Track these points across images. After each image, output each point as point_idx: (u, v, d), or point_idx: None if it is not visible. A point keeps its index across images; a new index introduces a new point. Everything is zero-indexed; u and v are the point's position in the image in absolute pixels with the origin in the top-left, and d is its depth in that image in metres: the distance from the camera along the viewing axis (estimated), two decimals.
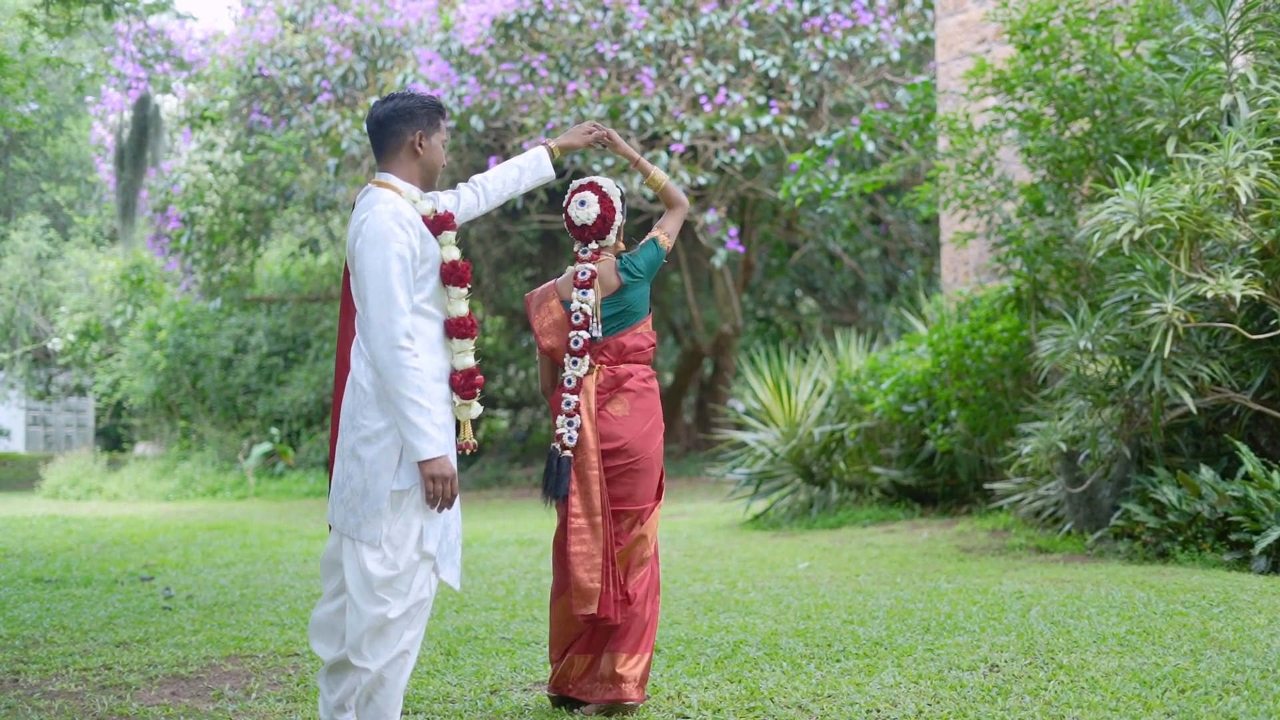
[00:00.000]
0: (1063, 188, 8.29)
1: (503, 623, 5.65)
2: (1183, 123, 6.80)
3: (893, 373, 9.92)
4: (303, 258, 19.83)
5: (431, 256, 3.47)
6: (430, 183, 3.62)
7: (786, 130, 13.28)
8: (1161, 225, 6.27)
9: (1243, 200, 6.20)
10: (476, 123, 13.50)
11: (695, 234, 15.00)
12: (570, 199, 4.11)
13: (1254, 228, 6.40)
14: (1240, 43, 6.76)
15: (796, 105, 13.62)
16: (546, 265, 19.00)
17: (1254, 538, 6.24)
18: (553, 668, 4.04)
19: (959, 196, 8.73)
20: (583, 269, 4.03)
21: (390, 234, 3.35)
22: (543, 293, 4.12)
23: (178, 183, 16.44)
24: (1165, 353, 6.31)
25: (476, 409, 3.53)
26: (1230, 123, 6.58)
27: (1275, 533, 6.12)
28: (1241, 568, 6.25)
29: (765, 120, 13.20)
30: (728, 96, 13.32)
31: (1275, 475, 6.37)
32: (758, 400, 10.95)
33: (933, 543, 8.22)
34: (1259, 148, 6.25)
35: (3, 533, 11.35)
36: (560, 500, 3.94)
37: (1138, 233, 6.27)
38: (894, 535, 8.80)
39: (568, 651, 4.00)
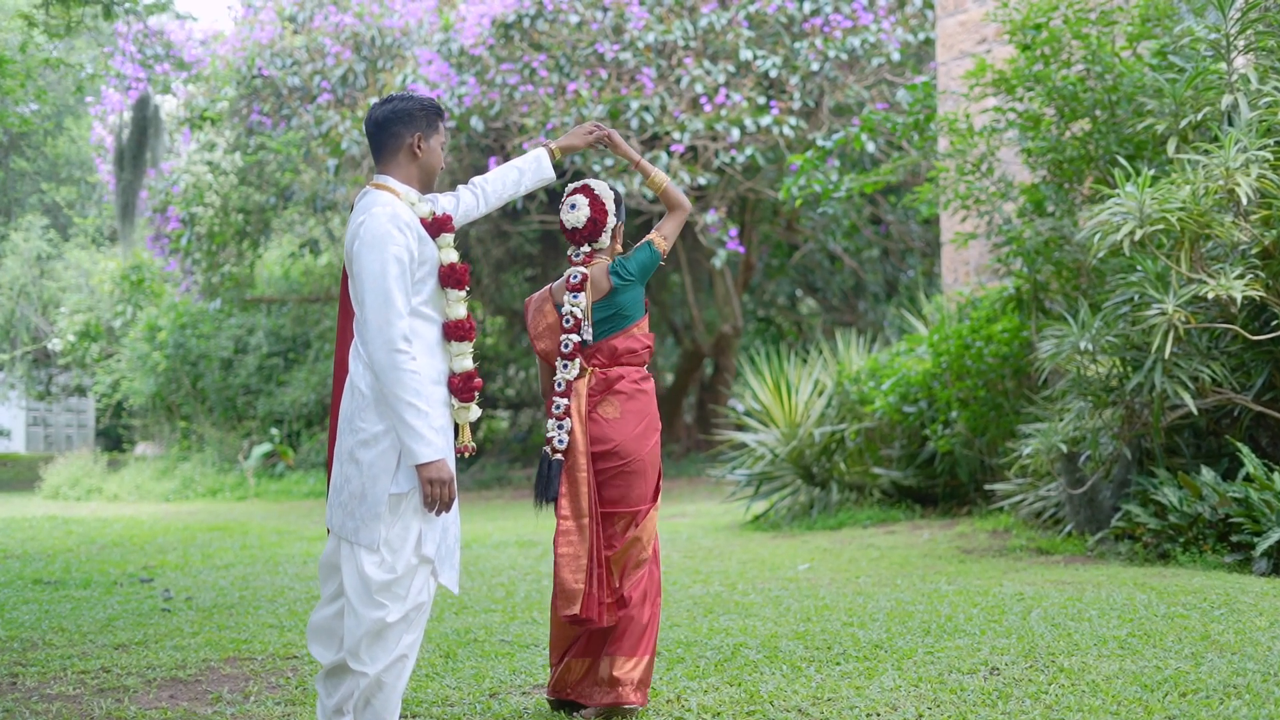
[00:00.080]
0: (1063, 188, 8.28)
1: (502, 625, 5.64)
2: (1183, 123, 6.79)
3: (893, 373, 9.91)
4: (303, 258, 19.83)
5: (430, 259, 3.46)
6: (429, 185, 3.61)
7: (787, 130, 13.26)
8: (1162, 226, 6.26)
9: (1243, 201, 6.19)
10: (476, 123, 13.49)
11: (695, 234, 14.99)
12: (564, 202, 4.11)
13: (1255, 228, 6.39)
14: (1241, 43, 6.74)
15: (797, 105, 13.60)
16: (546, 265, 18.99)
17: (1255, 539, 6.23)
18: (552, 671, 4.03)
19: (959, 197, 8.72)
20: (574, 272, 4.03)
21: (388, 236, 3.34)
22: (540, 296, 4.14)
23: (177, 183, 16.44)
24: (1166, 354, 6.30)
25: (475, 412, 3.53)
26: (1231, 123, 6.57)
27: (1276, 534, 6.11)
28: (1243, 569, 6.24)
29: (765, 120, 13.19)
30: (728, 97, 13.31)
31: (1276, 476, 6.36)
32: (758, 401, 10.93)
33: (933, 544, 8.21)
34: (1260, 148, 6.24)
35: (2, 534, 11.34)
36: (550, 503, 3.95)
37: (1138, 233, 6.27)
38: (894, 536, 8.79)
39: (566, 655, 3.99)
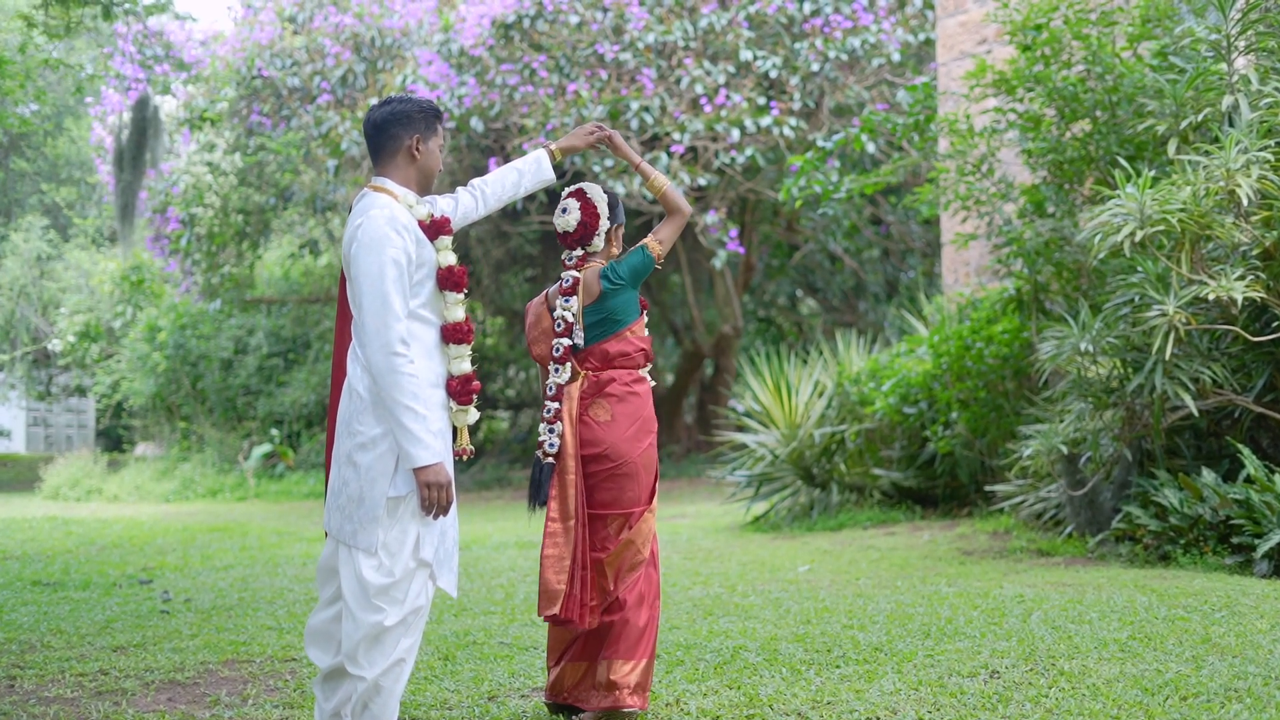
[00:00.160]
0: (1064, 189, 8.26)
1: (501, 627, 5.63)
2: (1184, 124, 6.78)
3: (893, 374, 9.90)
4: (302, 259, 19.83)
5: (428, 261, 3.45)
6: (427, 187, 3.60)
7: (787, 131, 13.25)
8: (1163, 227, 6.25)
9: (1244, 202, 6.18)
10: (476, 124, 13.48)
11: (696, 235, 14.98)
12: (559, 205, 4.12)
13: (1255, 229, 6.37)
14: (1241, 44, 6.73)
15: (797, 106, 13.59)
16: (546, 266, 18.98)
17: (1256, 541, 6.21)
18: (549, 674, 4.02)
19: (960, 198, 8.71)
20: (566, 276, 4.03)
21: (386, 239, 3.33)
22: (537, 301, 4.15)
23: (177, 184, 16.43)
24: (1166, 355, 6.29)
25: (473, 415, 3.52)
26: (1231, 124, 6.56)
27: (1277, 536, 6.09)
28: (1243, 571, 6.23)
29: (765, 121, 13.18)
30: (728, 97, 13.29)
31: (1277, 478, 6.35)
32: (758, 402, 10.92)
33: (933, 545, 8.20)
34: (1260, 149, 6.23)
35: (2, 534, 11.33)
36: (543, 507, 3.95)
37: (1139, 234, 6.25)
38: (895, 537, 8.77)
39: (563, 658, 3.98)
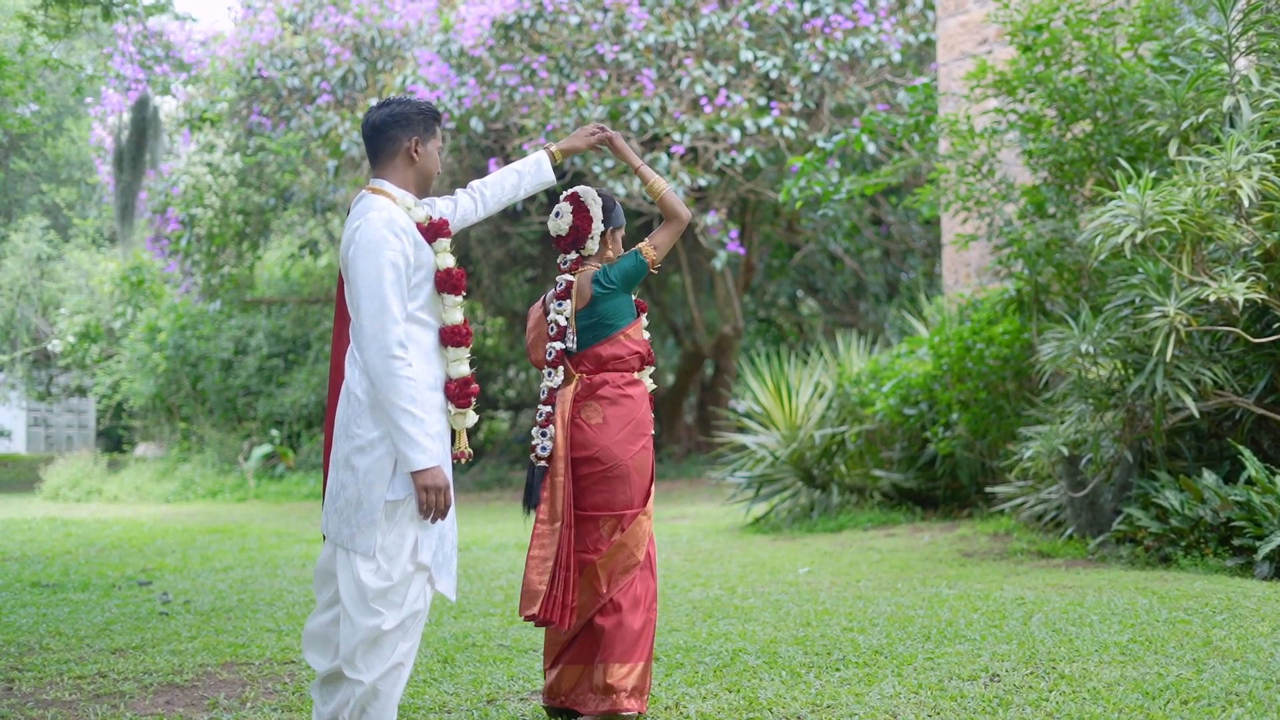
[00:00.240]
0: (1064, 190, 8.25)
1: (500, 629, 5.62)
2: (1185, 125, 6.77)
3: (894, 375, 9.89)
4: (302, 259, 19.82)
5: (426, 264, 3.44)
6: (425, 189, 3.59)
7: (787, 132, 13.24)
8: (1163, 228, 6.23)
9: (1245, 203, 6.16)
10: (476, 124, 13.47)
11: (696, 236, 14.96)
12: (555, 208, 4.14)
13: (1257, 230, 6.36)
14: (1243, 44, 6.72)
15: (797, 106, 13.58)
16: (547, 267, 18.97)
17: (1257, 543, 6.20)
18: (546, 677, 4.02)
19: (960, 199, 8.69)
20: (560, 280, 4.04)
21: (384, 241, 3.32)
22: (538, 305, 4.17)
23: (177, 184, 16.42)
24: (1167, 356, 6.27)
25: (472, 418, 3.51)
26: (1233, 125, 6.55)
27: (1278, 538, 6.08)
28: (1244, 573, 6.21)
29: (766, 121, 13.17)
30: (728, 98, 13.28)
31: (1278, 480, 6.33)
32: (758, 403, 10.91)
33: (934, 547, 8.19)
34: (1261, 150, 6.21)
35: (1, 535, 11.32)
36: (536, 509, 3.97)
37: (1140, 236, 6.24)
38: (895, 539, 8.76)
39: (559, 661, 3.97)
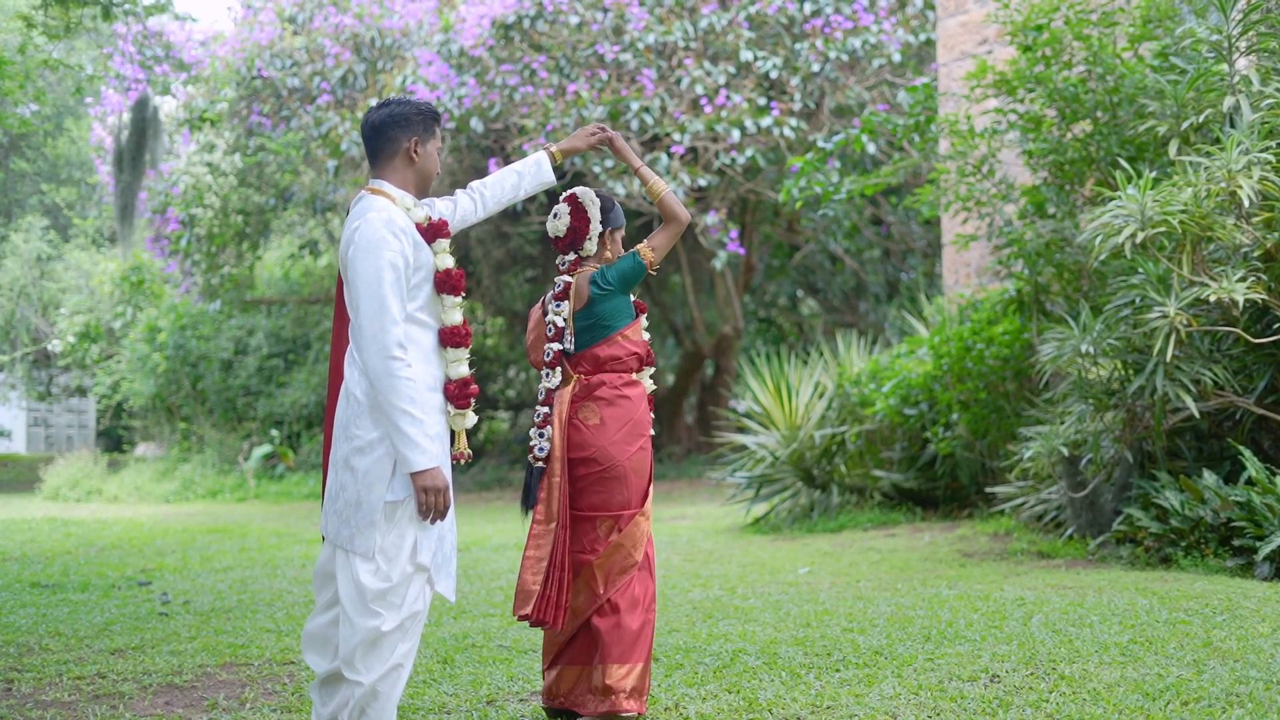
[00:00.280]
0: (1064, 190, 8.25)
1: (500, 630, 5.61)
2: (1185, 125, 6.77)
3: (894, 375, 9.88)
4: (302, 259, 19.82)
5: (425, 265, 3.43)
6: (425, 189, 3.59)
7: (787, 132, 13.23)
8: (1164, 228, 6.23)
9: (1245, 203, 6.16)
10: (476, 124, 13.46)
11: (696, 236, 14.96)
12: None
13: (1257, 231, 6.36)
14: (1243, 44, 6.71)
15: (797, 107, 13.57)
16: (547, 267, 18.97)
17: (1257, 543, 6.19)
18: (544, 678, 4.02)
19: (960, 199, 8.69)
20: (558, 281, 4.06)
21: (383, 242, 3.31)
22: (538, 307, 4.18)
23: (177, 184, 16.42)
24: (1168, 356, 6.27)
25: (471, 419, 3.51)
26: (1233, 125, 6.54)
27: (1278, 538, 6.07)
28: (1245, 574, 6.20)
29: (766, 122, 13.16)
30: (728, 98, 13.28)
31: (1278, 480, 6.33)
32: (758, 403, 10.91)
33: (934, 547, 8.18)
34: (1262, 150, 6.21)
35: (1, 536, 11.32)
36: (533, 509, 3.99)
37: (1140, 236, 6.23)
38: (895, 539, 8.76)
39: (557, 662, 3.98)
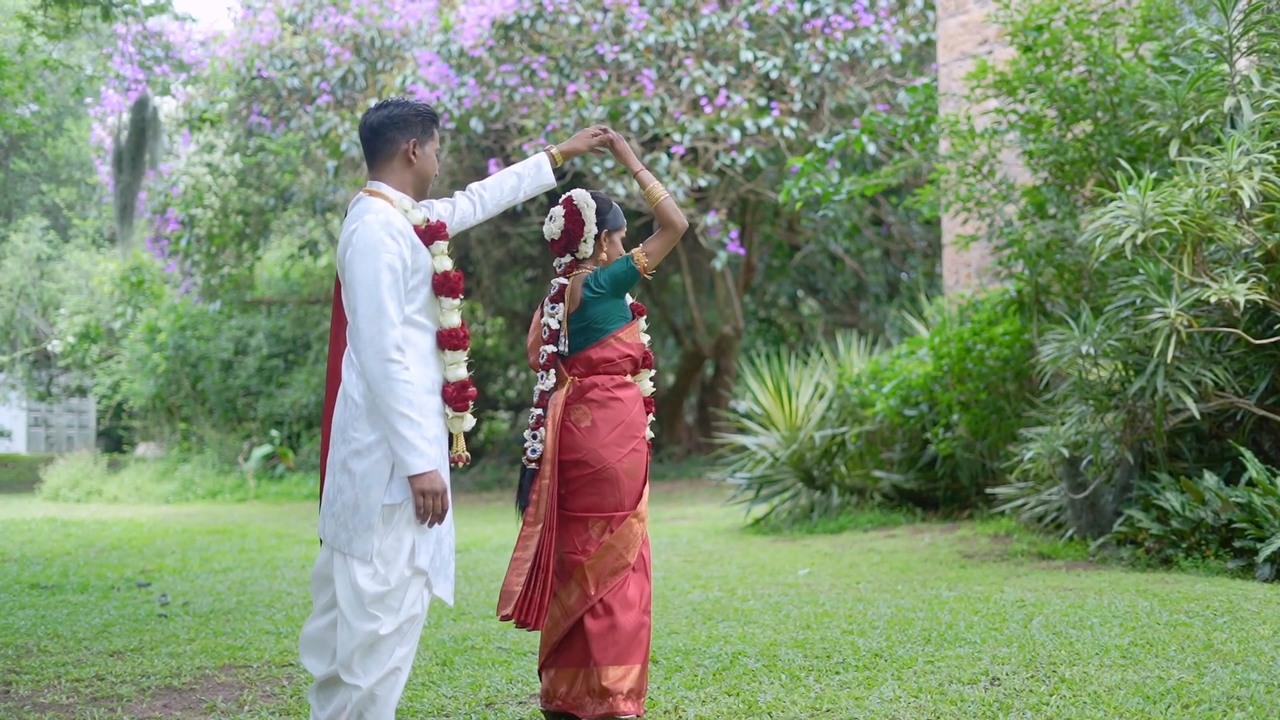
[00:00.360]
0: (1065, 190, 8.23)
1: (500, 632, 5.60)
2: (1185, 125, 6.75)
3: (894, 376, 9.87)
4: (302, 260, 19.81)
5: (423, 267, 3.42)
6: (422, 191, 3.58)
7: (787, 132, 13.22)
8: (1164, 229, 6.22)
9: (1246, 204, 6.14)
10: (476, 124, 13.45)
11: (696, 236, 14.95)
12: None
13: (1258, 231, 6.34)
14: (1244, 45, 6.70)
15: (797, 107, 13.56)
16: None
17: (1258, 545, 6.18)
18: (541, 680, 4.01)
19: (960, 199, 8.68)
20: (554, 283, 4.08)
21: (380, 245, 3.30)
22: (538, 311, 4.18)
23: (177, 185, 16.41)
24: (1168, 357, 6.26)
25: (469, 421, 3.51)
26: (1234, 125, 6.53)
27: (1279, 540, 6.06)
28: (1245, 575, 6.19)
29: (766, 122, 13.15)
30: (728, 98, 13.26)
31: (1279, 481, 6.32)
32: (758, 404, 10.90)
33: (934, 548, 8.17)
34: (1262, 151, 6.19)
35: (1, 536, 11.31)
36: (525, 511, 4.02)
37: (1140, 237, 6.22)
38: (895, 540, 8.74)
39: (552, 664, 3.97)
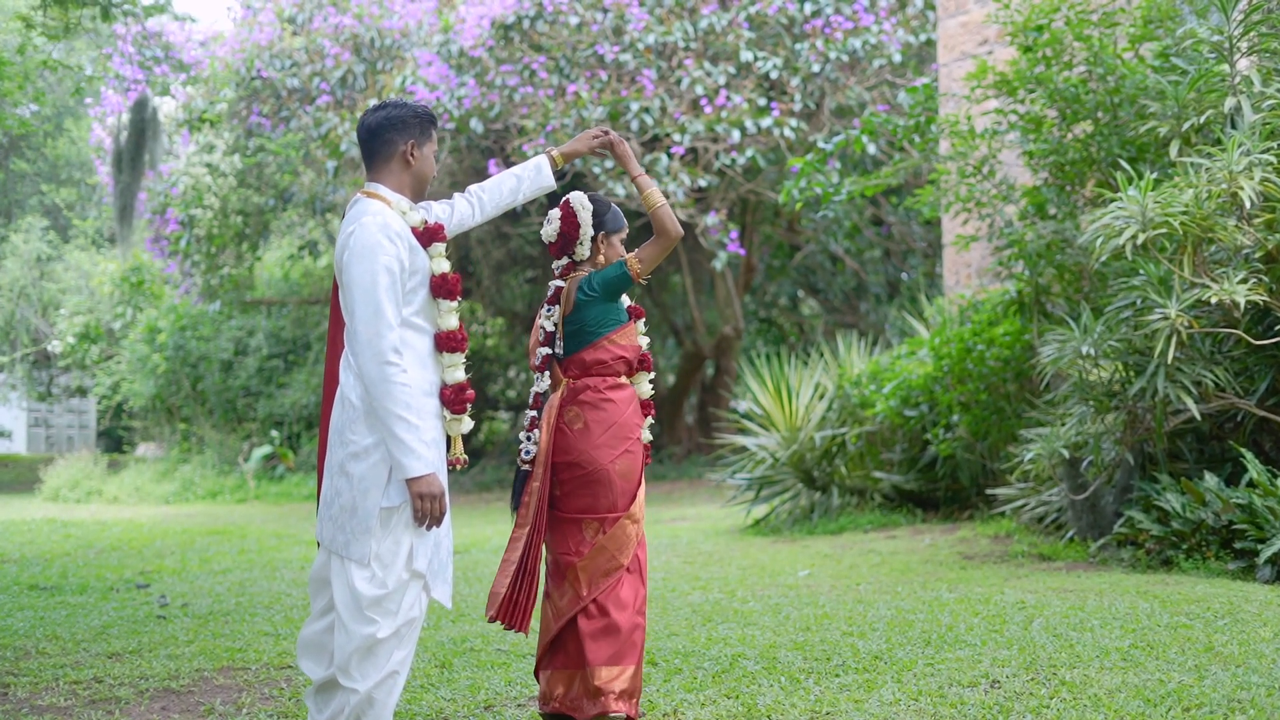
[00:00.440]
0: (1065, 191, 8.22)
1: (499, 634, 5.59)
2: (1186, 126, 6.74)
3: (894, 376, 9.86)
4: (302, 260, 19.80)
5: (421, 269, 3.41)
6: (420, 193, 3.57)
7: (787, 132, 13.20)
8: (1165, 230, 6.21)
9: (1247, 204, 6.13)
10: (476, 125, 13.43)
11: (696, 236, 14.94)
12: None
13: (1258, 232, 6.33)
14: (1244, 45, 6.69)
15: (797, 107, 13.55)
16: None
17: (1259, 546, 6.17)
18: (538, 682, 4.01)
19: (960, 199, 8.67)
20: (551, 285, 4.10)
21: (378, 246, 3.30)
22: (539, 313, 4.18)
23: (176, 185, 16.40)
24: (1169, 358, 6.25)
25: (467, 424, 3.50)
26: (1234, 126, 6.52)
27: None
28: (1246, 576, 6.18)
29: (766, 122, 13.14)
30: (728, 98, 13.25)
31: None
32: (759, 404, 10.88)
33: (934, 549, 8.16)
34: (1263, 151, 6.18)
35: (0, 537, 11.29)
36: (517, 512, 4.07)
37: (1141, 237, 6.21)
38: (895, 541, 8.73)
39: (546, 665, 3.98)
